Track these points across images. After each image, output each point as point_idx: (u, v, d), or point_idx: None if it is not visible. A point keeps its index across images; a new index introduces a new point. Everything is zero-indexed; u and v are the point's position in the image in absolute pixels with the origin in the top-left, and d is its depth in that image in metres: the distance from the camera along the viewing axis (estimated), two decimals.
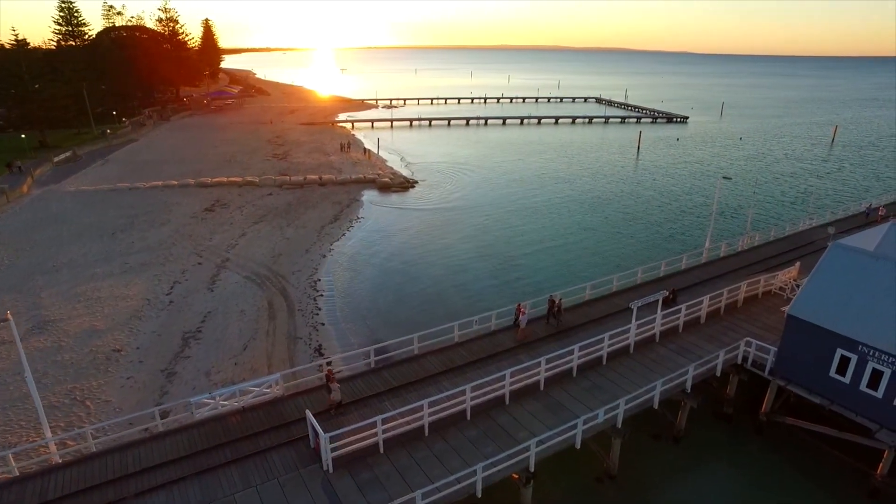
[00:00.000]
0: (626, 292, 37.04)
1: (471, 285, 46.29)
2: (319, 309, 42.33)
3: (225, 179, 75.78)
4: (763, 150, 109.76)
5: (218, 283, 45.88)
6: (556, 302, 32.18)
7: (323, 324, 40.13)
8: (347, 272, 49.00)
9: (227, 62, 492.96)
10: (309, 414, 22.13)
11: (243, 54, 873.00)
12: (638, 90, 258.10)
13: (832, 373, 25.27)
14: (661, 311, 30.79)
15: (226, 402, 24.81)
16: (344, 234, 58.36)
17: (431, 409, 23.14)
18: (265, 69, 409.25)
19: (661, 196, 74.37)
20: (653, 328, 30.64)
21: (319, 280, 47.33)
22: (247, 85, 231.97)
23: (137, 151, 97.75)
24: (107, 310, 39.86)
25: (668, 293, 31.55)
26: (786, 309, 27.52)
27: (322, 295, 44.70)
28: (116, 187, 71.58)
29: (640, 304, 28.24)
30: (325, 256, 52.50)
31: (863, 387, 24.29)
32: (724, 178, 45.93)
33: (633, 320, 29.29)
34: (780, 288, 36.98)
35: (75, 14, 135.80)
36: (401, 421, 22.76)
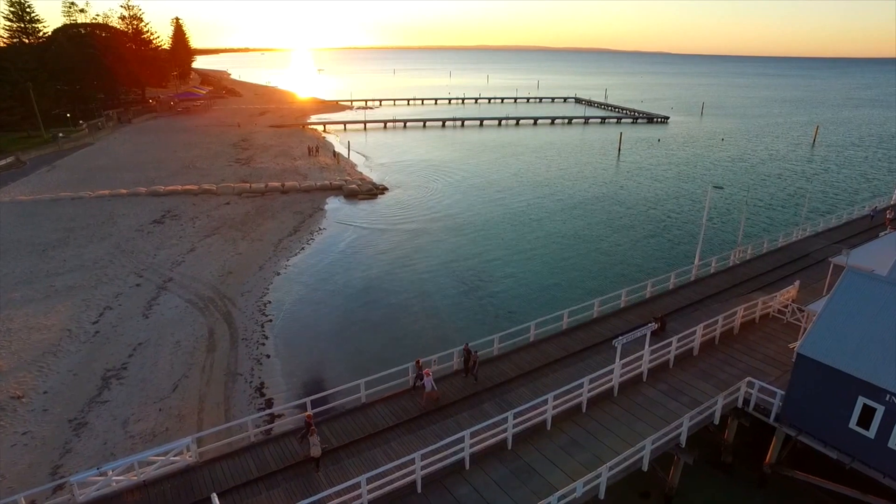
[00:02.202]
0: (609, 319, 32.95)
1: (436, 311, 41.47)
2: (266, 338, 37.61)
3: (180, 188, 70.43)
4: (746, 151, 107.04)
5: (155, 308, 40.90)
6: (473, 353, 26.34)
7: (268, 356, 35.43)
8: (302, 293, 44.24)
9: (204, 63, 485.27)
10: (215, 498, 17.55)
11: (220, 55, 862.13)
12: (617, 90, 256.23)
13: (853, 424, 21.35)
14: (650, 343, 26.71)
15: (121, 478, 20.12)
16: (303, 249, 53.57)
17: (372, 486, 18.72)
18: (241, 70, 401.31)
19: (646, 201, 70.73)
20: (640, 366, 26.52)
21: (270, 303, 42.56)
22: (218, 86, 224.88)
23: (90, 157, 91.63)
24: (15, 345, 34.68)
25: (656, 324, 27.50)
26: (794, 346, 23.61)
27: (270, 320, 39.96)
28: (59, 197, 65.87)
29: (625, 342, 24.11)
30: (279, 274, 47.70)
31: (892, 444, 20.38)
32: (715, 186, 41.93)
33: (618, 359, 25.12)
34: (779, 311, 33.19)
35: (27, 10, 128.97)
36: (334, 503, 18.30)
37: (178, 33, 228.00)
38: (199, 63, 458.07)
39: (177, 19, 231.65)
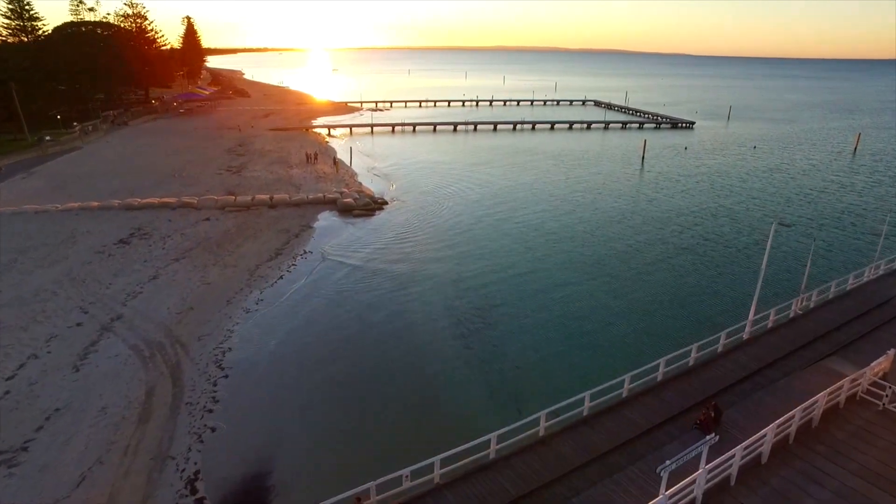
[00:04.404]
0: (643, 399, 25.30)
1: (428, 379, 33.38)
2: (216, 402, 30.56)
3: (156, 200, 63.87)
4: (783, 161, 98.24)
5: (91, 358, 34.09)
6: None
7: (213, 429, 28.36)
8: (269, 340, 37.04)
9: (221, 62, 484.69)
10: None
11: (238, 54, 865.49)
12: (637, 93, 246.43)
13: None
14: (703, 440, 19.12)
15: None
16: (282, 278, 46.51)
17: None
18: (256, 69, 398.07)
19: (678, 219, 62.69)
20: (692, 490, 18.94)
21: (230, 351, 35.54)
22: (226, 86, 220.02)
23: (75, 162, 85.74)
24: None
25: (716, 437, 19.88)
26: None
27: (226, 376, 32.93)
28: (21, 210, 59.61)
29: (673, 468, 16.61)
30: (248, 312, 40.67)
31: None
32: (782, 224, 33.12)
33: (663, 489, 17.58)
34: (869, 389, 25.35)
35: (26, 7, 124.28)
36: None
37: (189, 32, 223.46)
38: (217, 62, 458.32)
39: (188, 18, 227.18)
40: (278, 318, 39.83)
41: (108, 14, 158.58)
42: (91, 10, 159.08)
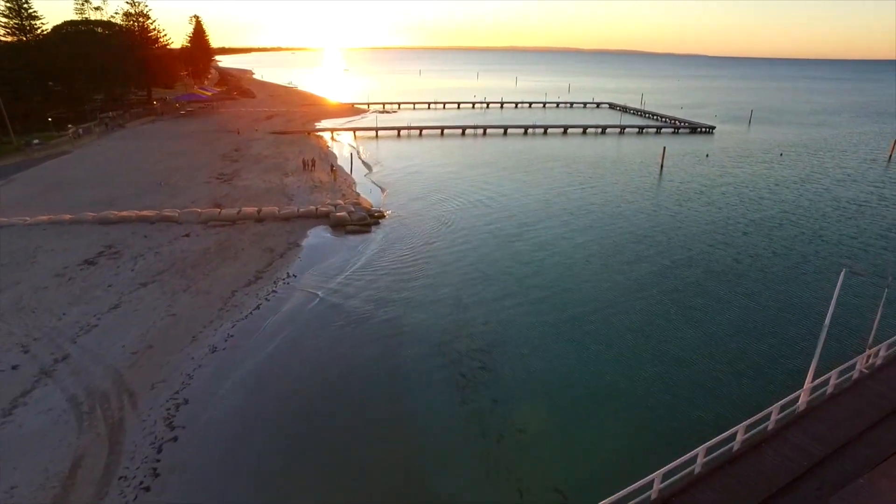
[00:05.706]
0: (680, 499, 19.67)
1: (416, 440, 28.45)
2: (157, 475, 25.30)
3: (134, 214, 58.96)
4: (813, 169, 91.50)
5: (18, 413, 29.00)
6: None
7: None
8: (234, 387, 31.81)
9: (234, 61, 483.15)
10: None
11: (252, 54, 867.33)
12: (653, 95, 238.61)
13: None
14: None
15: None
16: (258, 307, 41.17)
17: None
18: (267, 69, 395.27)
19: (705, 237, 56.64)
20: None
21: (185, 403, 30.27)
22: (232, 86, 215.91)
23: (61, 167, 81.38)
24: None
25: None
26: None
27: (175, 438, 27.67)
28: None
29: None
30: (214, 351, 35.45)
31: None
32: (853, 272, 26.46)
33: None
34: None
35: (25, 6, 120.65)
36: None
37: (198, 32, 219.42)
38: (230, 62, 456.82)
39: (196, 17, 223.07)
40: (247, 360, 34.49)
41: (116, 13, 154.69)
42: (97, 9, 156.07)
